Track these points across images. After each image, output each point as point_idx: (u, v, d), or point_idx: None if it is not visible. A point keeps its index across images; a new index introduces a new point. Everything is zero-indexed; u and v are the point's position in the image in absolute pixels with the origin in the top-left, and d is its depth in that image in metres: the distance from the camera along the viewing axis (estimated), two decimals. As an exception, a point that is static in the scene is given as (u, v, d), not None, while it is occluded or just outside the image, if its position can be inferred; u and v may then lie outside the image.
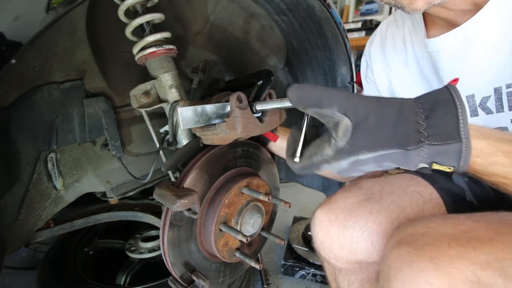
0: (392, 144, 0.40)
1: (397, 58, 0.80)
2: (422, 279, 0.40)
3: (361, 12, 3.27)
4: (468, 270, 0.38)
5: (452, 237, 0.43)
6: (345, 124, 0.41)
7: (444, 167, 0.40)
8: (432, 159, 0.40)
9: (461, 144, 0.38)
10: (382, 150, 0.40)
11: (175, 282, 0.68)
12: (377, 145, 0.40)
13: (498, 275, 0.37)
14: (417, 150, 0.39)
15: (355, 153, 0.41)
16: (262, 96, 0.67)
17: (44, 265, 1.12)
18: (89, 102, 0.75)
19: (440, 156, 0.39)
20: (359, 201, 0.66)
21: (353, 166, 0.43)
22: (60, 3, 0.47)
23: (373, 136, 0.40)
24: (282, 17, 0.94)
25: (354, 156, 0.41)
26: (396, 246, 0.46)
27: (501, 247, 0.39)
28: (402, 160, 0.41)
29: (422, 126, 0.39)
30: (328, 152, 0.43)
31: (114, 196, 0.91)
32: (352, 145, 0.41)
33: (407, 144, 0.39)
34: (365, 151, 0.41)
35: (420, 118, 0.40)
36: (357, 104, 0.41)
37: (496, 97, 0.60)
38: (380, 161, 0.42)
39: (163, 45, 0.69)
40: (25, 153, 0.69)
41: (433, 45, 0.67)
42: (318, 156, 0.45)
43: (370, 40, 0.91)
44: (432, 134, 0.39)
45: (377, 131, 0.40)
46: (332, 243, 0.66)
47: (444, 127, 0.39)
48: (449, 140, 0.38)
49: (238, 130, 0.60)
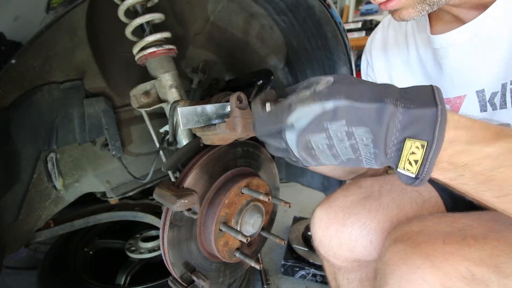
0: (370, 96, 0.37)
1: (398, 55, 0.80)
2: (417, 276, 0.40)
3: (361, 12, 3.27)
4: (462, 267, 0.39)
5: (447, 234, 0.43)
6: (328, 78, 0.40)
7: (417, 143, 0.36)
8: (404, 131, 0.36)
9: (436, 109, 0.35)
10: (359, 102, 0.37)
11: (175, 282, 0.68)
12: (356, 94, 0.37)
13: (492, 272, 0.37)
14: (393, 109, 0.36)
15: (332, 98, 0.37)
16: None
17: (44, 265, 1.12)
18: (89, 102, 0.75)
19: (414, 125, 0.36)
20: (358, 200, 0.67)
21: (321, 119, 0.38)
22: (60, 3, 0.47)
23: (353, 87, 0.38)
24: (282, 17, 0.94)
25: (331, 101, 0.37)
26: (392, 244, 0.47)
27: (495, 244, 0.40)
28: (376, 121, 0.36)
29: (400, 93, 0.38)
30: (306, 93, 0.40)
31: (114, 196, 0.91)
32: (331, 89, 0.38)
33: (385, 96, 0.36)
34: (342, 97, 0.37)
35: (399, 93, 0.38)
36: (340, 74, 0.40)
37: (501, 93, 0.59)
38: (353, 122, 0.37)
39: (163, 45, 0.69)
40: (25, 153, 0.69)
41: (440, 42, 0.66)
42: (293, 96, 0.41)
43: (371, 37, 0.90)
44: (408, 98, 0.37)
45: (357, 86, 0.38)
46: (331, 241, 0.66)
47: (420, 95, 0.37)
48: (424, 105, 0.36)
49: (238, 130, 0.60)
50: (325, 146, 0.40)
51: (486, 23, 0.58)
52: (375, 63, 0.86)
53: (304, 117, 0.39)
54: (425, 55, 0.73)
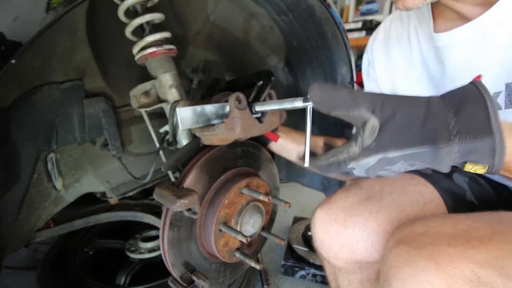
0: (420, 142, 0.38)
1: (400, 55, 0.79)
2: (422, 278, 0.40)
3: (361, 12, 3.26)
4: (467, 269, 0.38)
5: (452, 236, 0.43)
6: (372, 123, 0.41)
7: (479, 166, 0.38)
8: (464, 158, 0.38)
9: (493, 140, 0.36)
10: (410, 148, 0.39)
11: (175, 282, 0.68)
12: (405, 143, 0.39)
13: (498, 274, 0.37)
14: (448, 148, 0.37)
15: (382, 151, 0.40)
16: (262, 96, 0.67)
17: (44, 265, 1.12)
18: (89, 102, 0.75)
19: (473, 154, 0.37)
20: (359, 201, 0.66)
21: (380, 165, 0.42)
22: (60, 3, 0.47)
23: (400, 133, 0.40)
24: (282, 17, 0.94)
25: (381, 154, 0.41)
26: (396, 246, 0.46)
27: (500, 246, 0.39)
28: (432, 159, 0.39)
29: (451, 122, 0.38)
30: (354, 149, 0.43)
31: (114, 196, 0.91)
32: (379, 143, 0.41)
33: (436, 141, 0.38)
34: (392, 149, 0.40)
35: (449, 114, 0.38)
36: (384, 103, 0.41)
37: (506, 92, 0.59)
38: (409, 160, 0.40)
39: (163, 45, 0.69)
40: (25, 153, 0.69)
41: (443, 40, 0.66)
42: (344, 153, 0.44)
43: (373, 36, 0.89)
44: (463, 131, 0.37)
45: (405, 129, 0.40)
46: (332, 243, 0.66)
47: (475, 122, 0.37)
48: (480, 135, 0.36)
49: (236, 131, 0.60)
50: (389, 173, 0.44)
51: (491, 22, 0.57)
52: (377, 62, 0.86)
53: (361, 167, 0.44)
54: (427, 53, 0.72)
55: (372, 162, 0.42)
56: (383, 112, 0.40)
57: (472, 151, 0.37)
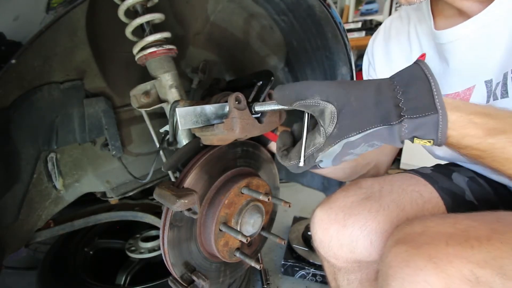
0: (377, 122, 0.42)
1: (400, 53, 0.79)
2: (420, 278, 0.40)
3: (361, 12, 3.26)
4: (466, 269, 0.38)
5: (450, 236, 0.43)
6: (330, 110, 0.43)
7: (424, 140, 0.42)
8: (412, 133, 0.41)
9: (437, 115, 0.40)
10: (369, 129, 0.42)
11: (175, 282, 0.68)
12: (363, 124, 0.42)
13: (496, 274, 0.37)
14: (399, 124, 0.41)
15: (345, 136, 0.43)
16: (261, 96, 0.67)
17: (44, 265, 1.12)
18: (89, 102, 0.75)
19: (420, 129, 0.41)
20: (359, 200, 0.66)
21: (345, 150, 0.45)
22: (60, 3, 0.47)
23: (358, 116, 0.43)
24: (282, 17, 0.94)
25: (344, 139, 0.43)
26: (395, 245, 0.46)
27: (499, 246, 0.39)
28: (388, 136, 0.43)
29: (400, 101, 0.41)
30: (319, 140, 0.45)
31: (114, 196, 0.91)
32: (340, 129, 0.43)
33: (389, 119, 0.41)
34: (353, 132, 0.43)
35: (398, 94, 0.42)
36: (337, 89, 0.44)
37: (502, 82, 0.60)
38: (368, 140, 0.43)
39: (163, 45, 0.69)
40: (25, 153, 0.69)
41: (447, 36, 0.66)
42: (311, 146, 0.47)
43: (373, 37, 0.89)
44: (411, 108, 0.41)
45: (361, 112, 0.43)
46: (332, 242, 0.66)
47: (421, 100, 0.41)
48: (426, 112, 0.40)
49: (236, 131, 0.60)
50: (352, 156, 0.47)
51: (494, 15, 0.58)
52: (377, 62, 0.86)
53: (328, 156, 0.46)
54: (428, 51, 0.73)
55: (338, 149, 0.45)
56: (338, 98, 0.43)
57: (419, 127, 0.41)
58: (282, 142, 0.54)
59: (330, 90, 0.44)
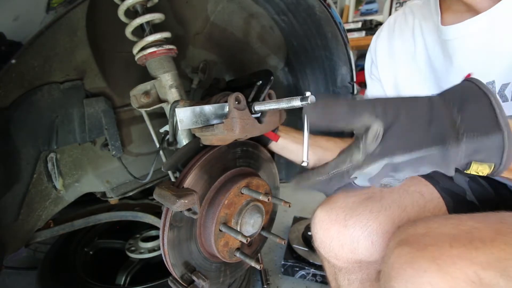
0: (429, 142, 0.36)
1: (404, 49, 0.79)
2: (424, 280, 0.40)
3: (361, 12, 3.27)
4: (470, 271, 0.38)
5: (454, 237, 0.43)
6: (376, 127, 0.38)
7: (484, 165, 0.37)
8: (471, 157, 0.37)
9: (502, 135, 0.35)
10: (419, 151, 0.37)
11: (175, 282, 0.68)
12: (413, 145, 0.37)
13: (500, 276, 0.37)
14: (456, 147, 0.36)
15: (388, 156, 0.38)
16: (261, 96, 0.67)
17: (44, 265, 1.12)
18: (89, 102, 0.75)
19: (480, 152, 0.36)
20: (360, 200, 0.66)
21: (385, 171, 0.39)
22: (60, 3, 0.47)
23: (407, 135, 0.37)
24: (282, 17, 0.94)
25: (387, 159, 0.38)
26: (398, 246, 0.46)
27: (503, 247, 0.39)
28: (441, 161, 0.37)
29: (457, 119, 0.36)
30: (357, 157, 0.40)
31: (114, 196, 0.91)
32: (384, 148, 0.38)
33: (445, 140, 0.36)
34: (399, 153, 0.37)
35: (453, 112, 0.37)
36: (385, 106, 0.38)
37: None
38: (417, 165, 0.38)
39: (163, 45, 0.69)
40: (25, 153, 0.69)
41: (453, 32, 0.65)
42: (347, 163, 0.41)
43: (377, 34, 0.89)
44: (470, 128, 0.36)
45: (411, 131, 0.37)
46: (332, 242, 0.65)
47: (482, 119, 0.36)
48: (488, 131, 0.35)
49: (236, 131, 0.60)
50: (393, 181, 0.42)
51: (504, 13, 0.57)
52: (380, 60, 0.86)
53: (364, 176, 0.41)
54: (432, 48, 0.72)
55: (377, 169, 0.39)
56: (386, 115, 0.38)
57: (479, 150, 0.36)
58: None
59: (377, 106, 0.38)
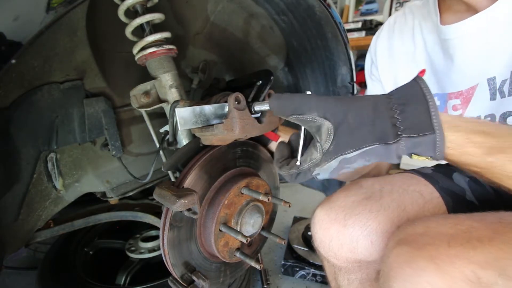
0: (373, 140, 0.43)
1: (404, 50, 0.80)
2: (422, 279, 0.40)
3: (361, 12, 3.26)
4: (468, 270, 0.38)
5: (452, 237, 0.43)
6: (327, 126, 0.44)
7: (423, 157, 0.43)
8: (410, 150, 0.42)
9: (435, 135, 0.41)
10: (365, 147, 0.43)
11: (175, 282, 0.68)
12: (360, 142, 0.43)
13: (498, 275, 0.37)
14: (397, 143, 0.42)
15: (341, 153, 0.44)
16: (261, 96, 0.67)
17: (44, 265, 1.12)
18: (89, 102, 0.75)
19: (418, 147, 0.42)
20: (359, 200, 0.66)
21: (341, 164, 0.46)
22: (60, 3, 0.47)
23: (354, 134, 0.44)
24: (282, 17, 0.94)
25: (341, 155, 0.44)
26: (396, 246, 0.46)
27: (501, 246, 0.39)
28: (384, 154, 0.44)
29: (397, 120, 0.42)
30: (316, 156, 0.47)
31: (114, 196, 0.91)
32: (337, 146, 0.45)
33: (386, 138, 0.42)
34: (349, 150, 0.44)
35: (395, 112, 0.43)
36: (335, 106, 0.45)
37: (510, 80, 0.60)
38: (365, 156, 0.44)
39: (163, 45, 0.69)
40: (25, 153, 0.69)
41: (453, 32, 0.66)
42: (308, 161, 0.48)
43: (377, 34, 0.90)
44: (408, 127, 0.42)
45: (358, 129, 0.44)
46: (332, 242, 0.65)
47: (418, 120, 0.42)
48: (423, 132, 0.41)
49: (235, 131, 0.60)
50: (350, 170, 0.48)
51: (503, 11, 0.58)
52: (380, 61, 0.86)
53: (325, 170, 0.48)
54: (433, 49, 0.73)
55: (334, 164, 0.46)
56: (335, 115, 0.44)
57: (416, 145, 0.42)
58: (280, 154, 0.55)
59: (327, 106, 0.45)
